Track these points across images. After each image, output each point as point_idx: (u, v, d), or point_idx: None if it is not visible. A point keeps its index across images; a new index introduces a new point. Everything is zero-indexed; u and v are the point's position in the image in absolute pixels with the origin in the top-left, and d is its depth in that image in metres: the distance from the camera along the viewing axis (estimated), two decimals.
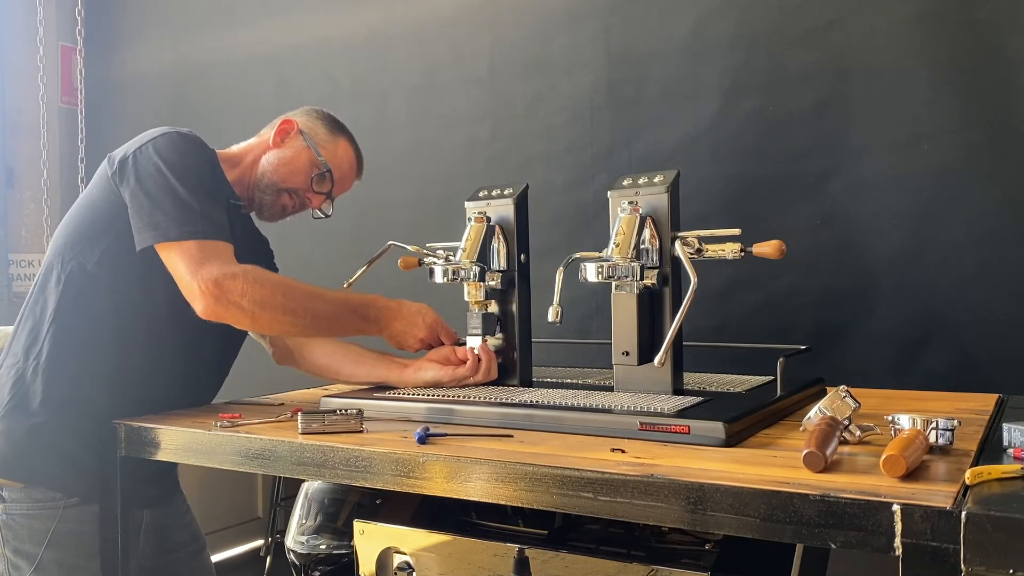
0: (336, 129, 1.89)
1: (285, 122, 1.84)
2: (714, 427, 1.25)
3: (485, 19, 2.61)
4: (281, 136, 1.83)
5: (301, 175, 1.81)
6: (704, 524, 1.05)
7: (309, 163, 1.82)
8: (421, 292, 1.85)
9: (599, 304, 2.27)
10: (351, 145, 1.90)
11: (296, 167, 1.81)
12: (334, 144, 1.86)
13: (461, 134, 2.65)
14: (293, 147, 1.82)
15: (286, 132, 1.83)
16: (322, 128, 1.86)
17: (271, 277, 1.63)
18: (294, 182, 1.81)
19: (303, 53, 2.98)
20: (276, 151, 1.82)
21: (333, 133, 1.87)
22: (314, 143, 1.83)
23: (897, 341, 2.02)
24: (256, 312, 1.55)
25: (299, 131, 1.83)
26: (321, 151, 1.83)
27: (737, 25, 2.21)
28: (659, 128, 2.32)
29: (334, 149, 1.86)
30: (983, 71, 1.95)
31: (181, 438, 1.52)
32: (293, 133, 1.83)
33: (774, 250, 1.49)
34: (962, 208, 1.96)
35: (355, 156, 1.91)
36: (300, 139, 1.83)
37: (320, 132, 1.86)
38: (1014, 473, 1.01)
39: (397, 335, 1.74)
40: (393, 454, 1.28)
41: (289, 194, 1.81)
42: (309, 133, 1.84)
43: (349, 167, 1.90)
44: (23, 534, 1.57)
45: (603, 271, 1.47)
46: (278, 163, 1.81)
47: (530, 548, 1.47)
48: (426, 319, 1.75)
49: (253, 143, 1.86)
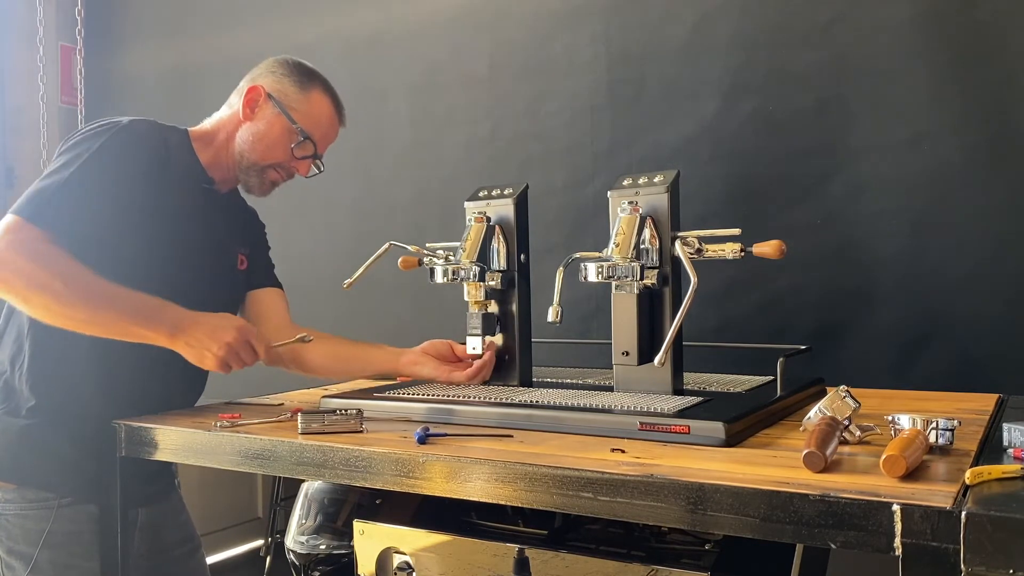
0: (306, 81, 1.77)
1: (251, 90, 1.73)
2: (714, 427, 1.25)
3: (485, 19, 2.61)
4: (251, 107, 1.73)
5: (280, 147, 1.73)
6: (704, 524, 1.05)
7: (285, 133, 1.73)
8: (421, 292, 1.85)
9: (599, 304, 2.27)
10: (325, 94, 1.78)
11: (272, 140, 1.72)
12: (307, 101, 1.75)
13: (461, 134, 2.65)
14: (265, 117, 1.72)
15: (254, 101, 1.73)
16: (291, 86, 1.75)
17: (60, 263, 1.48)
18: (274, 156, 1.73)
19: (303, 53, 2.95)
20: (249, 125, 1.73)
21: (304, 88, 1.75)
22: (285, 107, 1.73)
23: (897, 341, 2.02)
24: (27, 294, 1.47)
25: (267, 96, 1.73)
26: (295, 115, 1.73)
27: (737, 25, 2.21)
28: (659, 128, 2.31)
29: (308, 107, 1.75)
30: (983, 71, 1.95)
31: (181, 438, 1.52)
32: (262, 100, 1.73)
33: (774, 250, 1.49)
34: (962, 208, 1.96)
35: (332, 106, 1.79)
36: (271, 106, 1.72)
37: (290, 92, 1.74)
38: (1014, 473, 1.01)
39: (197, 342, 1.52)
40: (393, 454, 1.28)
41: (273, 169, 1.75)
42: (279, 96, 1.73)
43: (329, 121, 1.79)
44: (17, 534, 1.56)
45: (603, 271, 1.47)
46: (253, 140, 1.72)
47: (530, 548, 1.47)
48: (234, 323, 1.58)
49: (225, 116, 1.77)
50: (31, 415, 1.57)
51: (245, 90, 1.74)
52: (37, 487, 1.57)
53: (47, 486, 1.57)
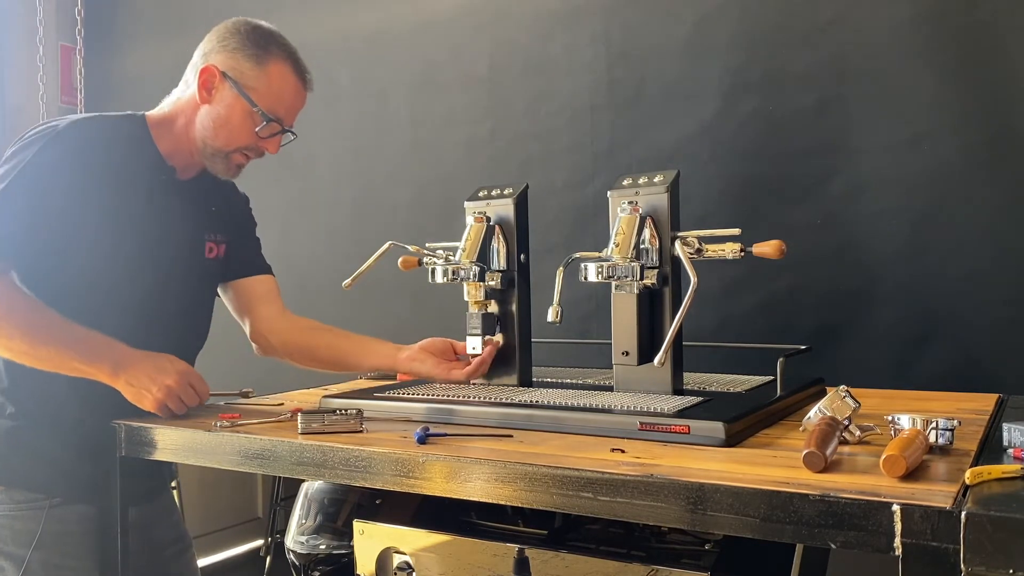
0: (262, 52, 1.64)
1: (204, 71, 1.62)
2: (714, 427, 1.25)
3: (485, 19, 2.61)
4: (206, 89, 1.63)
5: (243, 132, 1.64)
6: (704, 524, 1.05)
7: (247, 116, 1.63)
8: (421, 292, 1.85)
9: (599, 304, 2.27)
10: (285, 62, 1.66)
11: (234, 125, 1.63)
12: (266, 75, 1.63)
13: (461, 134, 2.65)
14: (224, 101, 1.62)
15: (210, 83, 1.62)
16: (246, 61, 1.62)
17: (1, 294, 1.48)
18: (239, 141, 1.65)
19: (303, 53, 2.97)
20: (208, 109, 1.63)
21: (260, 61, 1.63)
22: (243, 87, 1.61)
23: (897, 341, 2.02)
24: None
25: (223, 76, 1.62)
26: (255, 96, 1.62)
27: (737, 25, 2.21)
28: (659, 128, 2.31)
29: (268, 82, 1.63)
30: (983, 71, 1.95)
31: (181, 438, 1.52)
32: (217, 81, 1.62)
33: (774, 250, 1.49)
34: (962, 208, 1.96)
35: (295, 74, 1.68)
36: (228, 86, 1.62)
37: (246, 69, 1.62)
38: (1014, 473, 1.01)
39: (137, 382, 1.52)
40: (393, 454, 1.28)
41: (239, 152, 1.67)
42: (235, 76, 1.62)
43: (293, 92, 1.68)
44: (6, 536, 1.55)
45: (603, 271, 1.47)
46: (214, 126, 1.63)
47: (530, 548, 1.47)
48: (176, 366, 1.57)
49: (184, 99, 1.67)
50: (16, 418, 1.57)
51: (199, 69, 1.63)
52: (26, 488, 1.55)
53: (36, 487, 1.55)
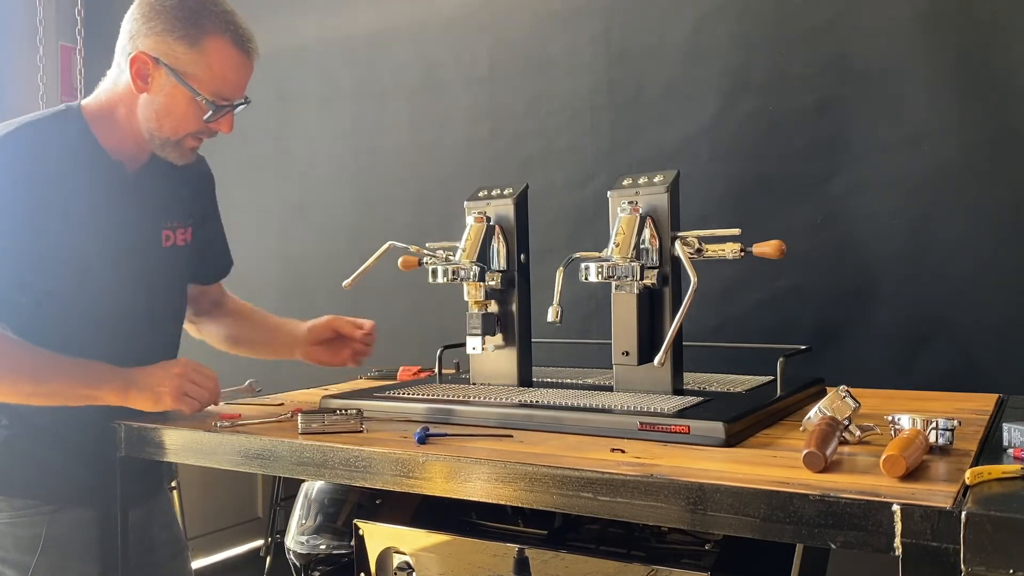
0: (194, 30, 1.50)
1: (135, 61, 1.50)
2: (714, 427, 1.25)
3: (485, 19, 2.61)
4: (141, 78, 1.51)
5: (189, 119, 1.53)
6: (704, 524, 1.05)
7: (190, 103, 1.52)
8: (421, 292, 1.85)
9: (599, 304, 2.27)
10: (222, 36, 1.52)
11: (179, 114, 1.52)
12: (203, 56, 1.50)
13: (461, 134, 2.65)
14: (163, 89, 1.51)
15: (144, 73, 1.50)
16: (178, 44, 1.49)
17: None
18: (187, 128, 1.55)
19: (303, 53, 2.99)
20: (147, 99, 1.52)
21: (194, 41, 1.49)
22: (181, 75, 1.49)
23: (897, 341, 2.02)
24: None
25: (156, 62, 1.49)
26: (194, 82, 1.50)
27: (737, 25, 2.21)
28: (659, 128, 2.31)
29: (207, 64, 1.50)
30: (983, 71, 1.95)
31: (181, 438, 1.52)
32: (151, 69, 1.50)
33: (774, 250, 1.49)
34: (962, 208, 1.96)
35: (236, 47, 1.53)
36: (164, 73, 1.49)
37: (180, 53, 1.49)
38: (1014, 473, 1.01)
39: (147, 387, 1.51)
40: (393, 454, 1.28)
41: (190, 137, 1.57)
42: (169, 62, 1.49)
43: (236, 67, 1.55)
44: (8, 543, 1.53)
45: (603, 271, 1.47)
46: (156, 116, 1.53)
47: (530, 548, 1.47)
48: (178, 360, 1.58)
49: (119, 87, 1.55)
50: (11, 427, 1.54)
51: (129, 57, 1.51)
52: (25, 496, 1.53)
53: (35, 494, 1.53)
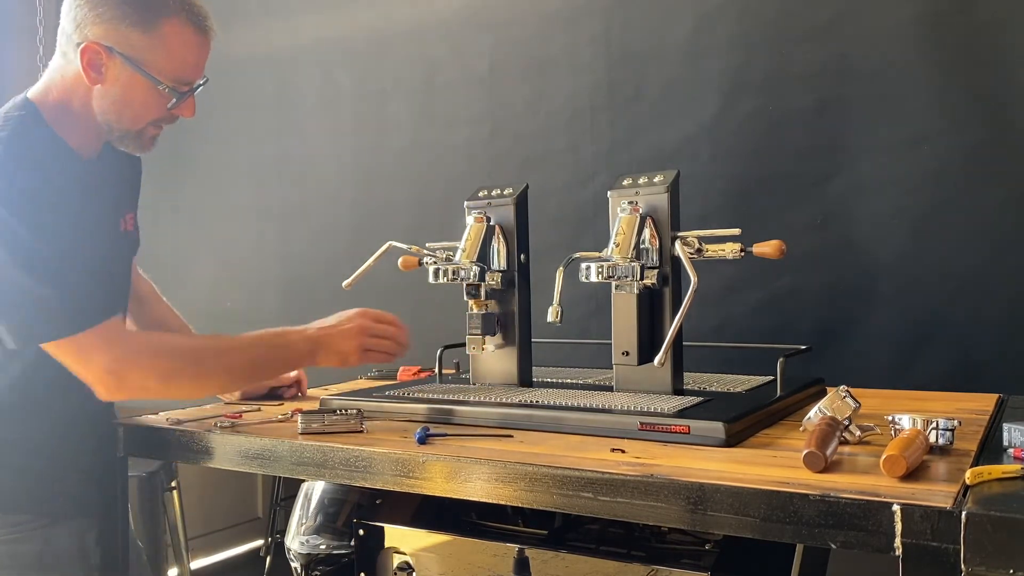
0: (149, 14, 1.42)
1: (86, 51, 1.41)
2: (714, 427, 1.25)
3: (485, 19, 2.61)
4: (94, 70, 1.42)
5: (150, 107, 1.47)
6: (704, 524, 1.05)
7: (150, 92, 1.45)
8: (421, 292, 1.85)
9: (599, 304, 2.27)
10: (178, 17, 1.44)
11: (138, 103, 1.46)
12: (160, 41, 1.42)
13: (461, 134, 2.65)
14: (119, 80, 1.43)
15: (96, 63, 1.42)
16: (133, 30, 1.41)
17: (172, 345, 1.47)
18: (148, 117, 1.49)
19: (303, 53, 2.98)
20: (102, 90, 1.44)
21: (149, 27, 1.41)
22: (137, 62, 1.42)
23: (897, 341, 2.02)
24: (163, 388, 1.45)
25: (109, 52, 1.41)
26: (153, 70, 1.43)
27: (737, 25, 2.21)
28: (659, 128, 2.31)
29: (165, 48, 1.43)
30: (983, 71, 1.94)
31: (181, 438, 1.52)
32: (105, 59, 1.42)
33: (774, 250, 1.49)
34: (962, 208, 1.96)
35: (193, 28, 1.46)
36: (119, 63, 1.41)
37: (135, 39, 1.41)
38: (1014, 473, 1.01)
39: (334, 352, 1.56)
40: (393, 454, 1.28)
41: (151, 126, 1.51)
42: (125, 51, 1.41)
43: (195, 50, 1.48)
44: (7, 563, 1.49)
45: (603, 271, 1.47)
46: (115, 108, 1.46)
47: (530, 548, 1.47)
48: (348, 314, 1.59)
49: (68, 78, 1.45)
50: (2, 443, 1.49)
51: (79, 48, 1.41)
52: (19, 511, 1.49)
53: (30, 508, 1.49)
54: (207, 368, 1.50)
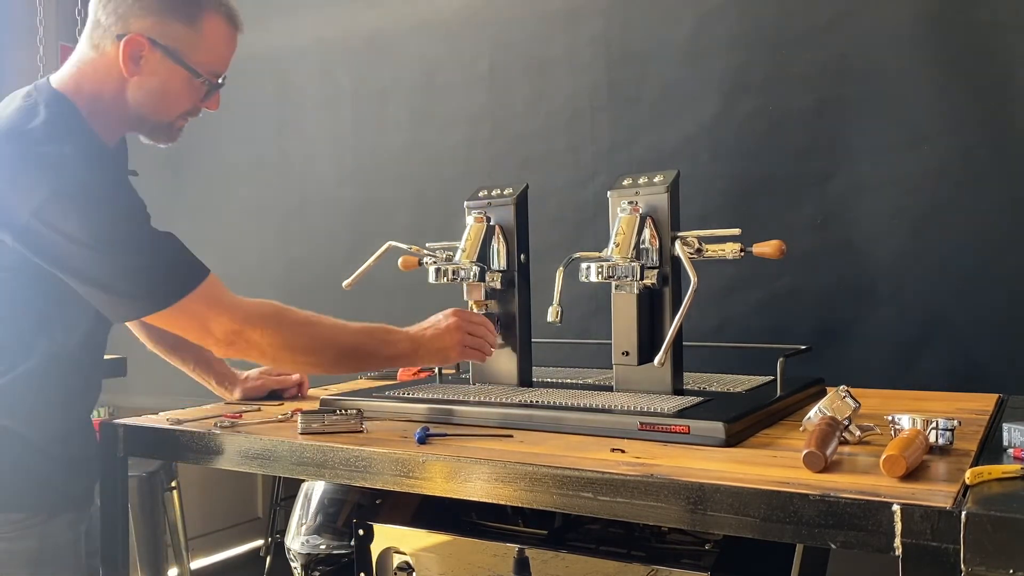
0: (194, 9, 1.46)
1: (130, 43, 1.42)
2: (714, 427, 1.25)
3: (485, 19, 2.61)
4: (134, 61, 1.44)
5: (185, 99, 1.51)
6: (704, 524, 1.05)
7: (187, 84, 1.49)
8: (421, 292, 1.85)
9: (599, 304, 2.27)
10: (218, 14, 1.49)
11: (174, 95, 1.49)
12: (201, 36, 1.47)
13: (461, 134, 2.65)
14: (157, 72, 1.45)
15: (136, 55, 1.44)
16: (178, 24, 1.44)
17: (290, 316, 1.48)
18: (181, 108, 1.52)
19: (303, 53, 2.98)
20: (139, 81, 1.45)
21: (194, 21, 1.46)
22: (180, 55, 1.45)
23: (897, 341, 2.02)
24: (277, 355, 1.47)
25: (152, 44, 1.43)
26: (191, 59, 1.46)
27: (737, 25, 2.21)
28: (659, 128, 2.31)
29: (205, 44, 1.48)
30: (983, 71, 1.94)
31: (181, 438, 1.52)
32: (147, 51, 1.43)
33: (774, 250, 1.49)
34: (962, 208, 1.96)
35: (229, 24, 1.51)
36: (159, 55, 1.44)
37: (180, 34, 1.45)
38: (1014, 473, 1.01)
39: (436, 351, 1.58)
40: (393, 454, 1.28)
41: (179, 118, 1.55)
42: (169, 43, 1.44)
43: (230, 44, 1.53)
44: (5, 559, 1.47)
45: (603, 271, 1.47)
46: (152, 100, 1.48)
47: (530, 548, 1.47)
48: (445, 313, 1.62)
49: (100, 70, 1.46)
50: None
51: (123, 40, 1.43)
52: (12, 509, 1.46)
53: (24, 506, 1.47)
54: (318, 344, 1.50)
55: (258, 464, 1.42)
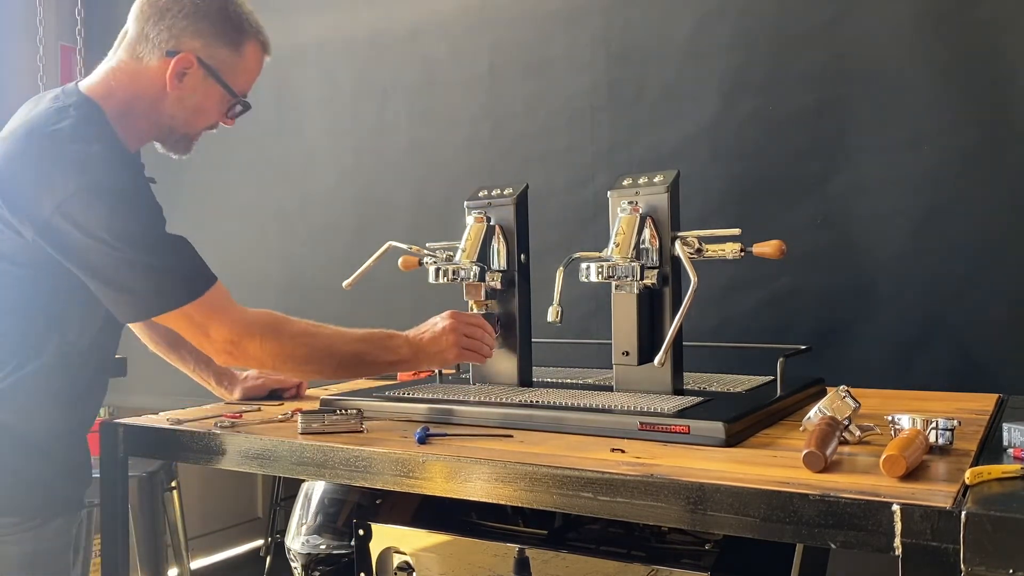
0: (239, 35, 1.57)
1: (181, 60, 1.50)
2: (714, 427, 1.25)
3: (485, 19, 2.61)
4: (178, 76, 1.52)
5: (213, 115, 1.60)
6: (704, 524, 1.05)
7: (220, 101, 1.58)
8: (421, 292, 1.85)
9: (599, 304, 2.27)
10: (256, 41, 1.61)
11: (207, 111, 1.58)
12: (242, 59, 1.58)
13: (461, 134, 2.65)
14: (197, 88, 1.54)
15: (182, 72, 1.52)
16: (224, 48, 1.54)
17: (288, 328, 1.50)
18: (207, 121, 1.61)
19: (303, 53, 2.98)
20: (178, 95, 1.53)
21: (237, 47, 1.56)
22: (222, 76, 1.55)
23: (897, 341, 2.02)
24: (277, 364, 1.50)
25: (199, 62, 1.52)
26: (230, 80, 1.56)
27: (737, 25, 2.21)
28: (659, 128, 2.31)
29: (244, 66, 1.59)
30: (983, 71, 1.94)
31: (181, 438, 1.52)
32: (193, 69, 1.52)
33: (774, 250, 1.49)
34: (962, 208, 1.96)
35: (263, 50, 1.63)
36: (203, 74, 1.53)
37: (224, 55, 1.54)
38: (1014, 473, 1.01)
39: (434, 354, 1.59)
40: (393, 454, 1.28)
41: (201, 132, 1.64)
42: (213, 64, 1.53)
43: (260, 66, 1.65)
44: None
45: (603, 271, 1.47)
46: (186, 114, 1.56)
47: (530, 548, 1.47)
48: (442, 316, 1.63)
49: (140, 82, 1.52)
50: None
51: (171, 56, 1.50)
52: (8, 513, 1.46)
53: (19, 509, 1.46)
54: (318, 354, 1.51)
55: (258, 464, 1.42)
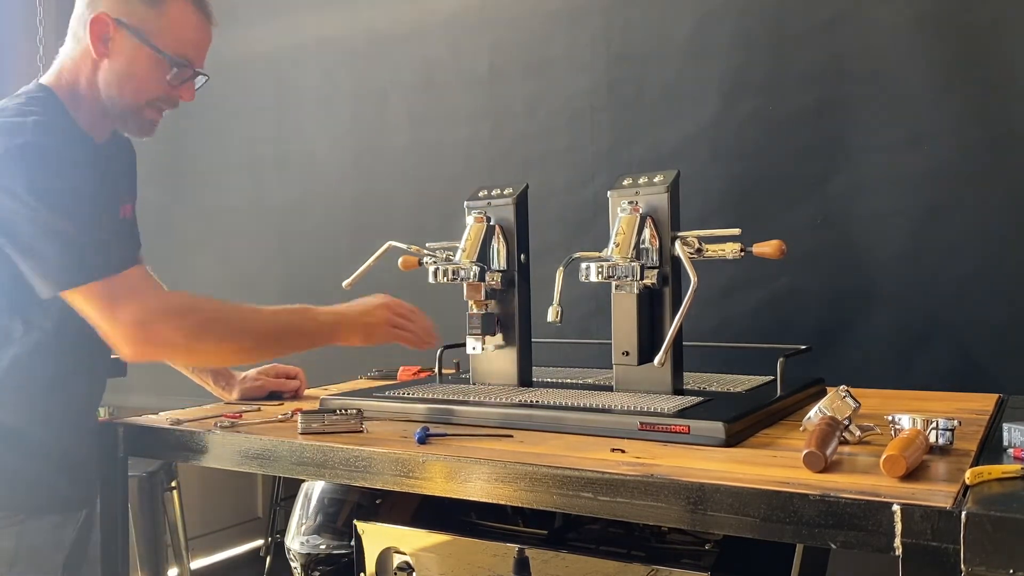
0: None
1: (95, 22, 1.47)
2: (714, 427, 1.25)
3: (485, 19, 2.61)
4: (101, 41, 1.49)
5: (151, 82, 1.52)
6: (704, 524, 1.05)
7: (153, 65, 1.51)
8: (421, 292, 1.85)
9: (599, 304, 2.27)
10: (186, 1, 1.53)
11: (140, 76, 1.51)
12: (165, 16, 1.50)
13: (461, 134, 2.65)
14: (124, 52, 1.49)
15: (103, 34, 1.48)
16: (140, 4, 1.49)
17: (201, 303, 1.46)
18: (149, 92, 1.53)
19: (303, 53, 2.99)
20: (108, 64, 1.50)
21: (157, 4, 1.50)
22: (143, 33, 1.49)
23: (897, 341, 2.02)
24: (192, 345, 1.44)
25: (117, 24, 1.48)
26: (157, 41, 1.50)
27: (737, 25, 2.21)
28: (659, 128, 2.31)
29: (168, 23, 1.51)
30: (983, 71, 1.95)
31: (181, 438, 1.52)
32: (112, 31, 1.48)
33: (774, 250, 1.49)
34: (962, 208, 1.96)
35: (196, 9, 1.55)
36: (125, 35, 1.48)
37: (140, 12, 1.49)
38: (1014, 473, 1.01)
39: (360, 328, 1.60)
40: (393, 454, 1.28)
41: (151, 107, 1.56)
42: (130, 22, 1.48)
43: (197, 29, 1.55)
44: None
45: (603, 271, 1.47)
46: (118, 81, 1.50)
47: (530, 548, 1.47)
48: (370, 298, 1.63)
49: (76, 58, 1.52)
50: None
51: (88, 21, 1.48)
52: None
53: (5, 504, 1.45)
54: (234, 329, 1.48)
55: (258, 464, 1.42)
